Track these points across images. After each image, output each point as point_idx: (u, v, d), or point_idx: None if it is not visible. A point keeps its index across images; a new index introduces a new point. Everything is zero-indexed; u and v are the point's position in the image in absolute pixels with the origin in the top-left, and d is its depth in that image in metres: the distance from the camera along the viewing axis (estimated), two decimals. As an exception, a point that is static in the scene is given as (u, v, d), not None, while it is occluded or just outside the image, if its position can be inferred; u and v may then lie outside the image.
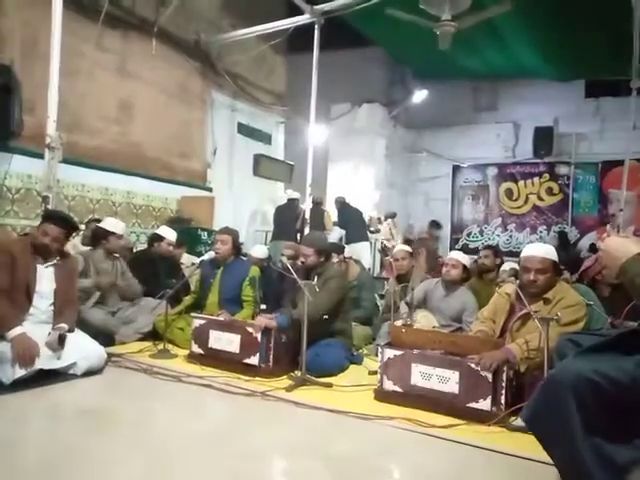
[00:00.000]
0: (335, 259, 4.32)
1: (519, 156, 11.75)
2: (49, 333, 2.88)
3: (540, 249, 2.85)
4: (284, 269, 3.71)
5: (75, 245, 4.22)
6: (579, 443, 1.21)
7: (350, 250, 5.08)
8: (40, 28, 4.96)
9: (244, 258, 4.70)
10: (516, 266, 3.54)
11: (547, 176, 11.40)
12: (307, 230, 7.03)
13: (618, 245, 1.41)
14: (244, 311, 3.88)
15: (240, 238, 4.28)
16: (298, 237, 7.19)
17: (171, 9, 6.57)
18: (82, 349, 2.99)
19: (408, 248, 4.67)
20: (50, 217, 3.18)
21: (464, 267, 3.86)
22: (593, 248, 8.17)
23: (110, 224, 4.06)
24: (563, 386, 1.23)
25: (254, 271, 4.10)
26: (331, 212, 8.34)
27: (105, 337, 3.55)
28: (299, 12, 7.00)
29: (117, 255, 4.09)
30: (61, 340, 2.85)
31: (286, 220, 7.48)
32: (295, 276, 3.22)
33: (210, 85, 7.70)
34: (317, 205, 7.76)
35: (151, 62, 6.63)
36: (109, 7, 5.69)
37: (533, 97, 11.06)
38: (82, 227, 4.79)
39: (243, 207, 8.33)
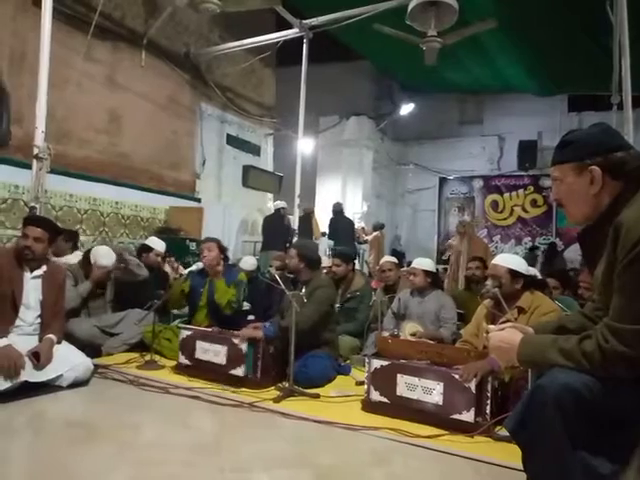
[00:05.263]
0: (345, 267, 4.42)
1: (504, 169, 11.96)
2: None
3: (498, 258, 3.14)
4: (272, 280, 3.73)
5: (67, 260, 4.17)
6: (566, 455, 1.23)
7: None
8: (29, 39, 4.98)
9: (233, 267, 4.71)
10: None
11: (531, 188, 11.60)
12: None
13: (503, 340, 1.49)
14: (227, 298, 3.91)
15: (228, 249, 4.29)
16: (287, 247, 7.22)
17: (161, 21, 6.61)
18: (68, 361, 2.97)
19: (394, 259, 4.71)
20: (29, 219, 3.16)
21: (426, 272, 3.93)
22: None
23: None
24: (548, 396, 1.24)
25: (241, 276, 4.12)
26: (320, 222, 8.39)
27: (92, 348, 3.53)
28: (288, 26, 7.11)
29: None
30: (36, 357, 2.82)
31: (274, 230, 7.51)
32: (283, 287, 3.23)
33: (199, 97, 7.74)
34: (307, 215, 7.80)
35: (140, 73, 6.66)
36: (99, 19, 5.71)
37: (517, 111, 11.29)
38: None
39: (232, 218, 8.32)
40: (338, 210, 8.55)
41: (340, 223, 8.42)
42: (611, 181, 1.39)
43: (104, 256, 3.88)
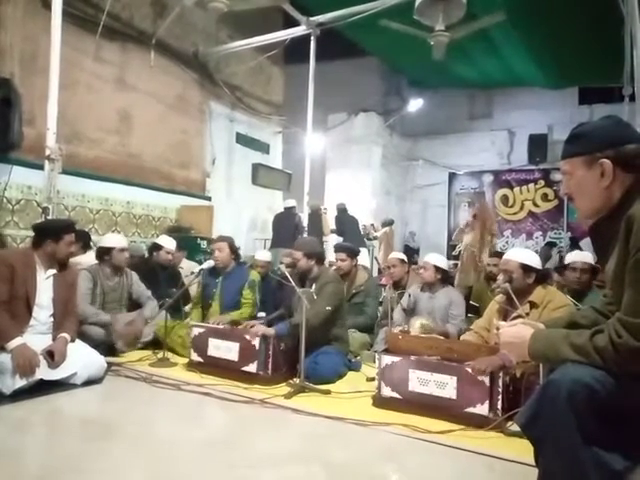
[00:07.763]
0: (350, 262, 4.41)
1: (514, 163, 11.87)
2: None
3: (510, 252, 3.11)
4: (282, 277, 3.75)
5: (80, 261, 4.19)
6: (578, 450, 1.21)
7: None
8: (40, 41, 5.03)
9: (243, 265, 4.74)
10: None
11: (542, 182, 11.50)
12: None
13: (513, 335, 1.47)
14: (241, 311, 3.94)
15: (238, 245, 4.31)
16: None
17: (169, 21, 6.64)
18: (82, 359, 3.01)
19: (401, 255, 4.70)
20: (69, 228, 3.18)
21: (437, 268, 3.90)
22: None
23: (108, 240, 4.02)
24: (560, 391, 1.23)
25: (254, 275, 4.16)
26: (329, 219, 8.41)
27: (105, 346, 3.56)
28: (295, 24, 7.11)
29: (123, 268, 4.05)
30: (51, 356, 2.87)
31: (284, 228, 7.54)
32: (293, 284, 3.25)
33: (208, 96, 7.76)
34: (315, 212, 7.83)
35: (149, 73, 6.69)
36: (107, 20, 5.75)
37: (527, 105, 11.19)
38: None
39: (242, 216, 8.37)
40: (342, 209, 8.61)
41: (345, 222, 8.50)
42: (622, 174, 1.37)
43: (107, 238, 4.05)
